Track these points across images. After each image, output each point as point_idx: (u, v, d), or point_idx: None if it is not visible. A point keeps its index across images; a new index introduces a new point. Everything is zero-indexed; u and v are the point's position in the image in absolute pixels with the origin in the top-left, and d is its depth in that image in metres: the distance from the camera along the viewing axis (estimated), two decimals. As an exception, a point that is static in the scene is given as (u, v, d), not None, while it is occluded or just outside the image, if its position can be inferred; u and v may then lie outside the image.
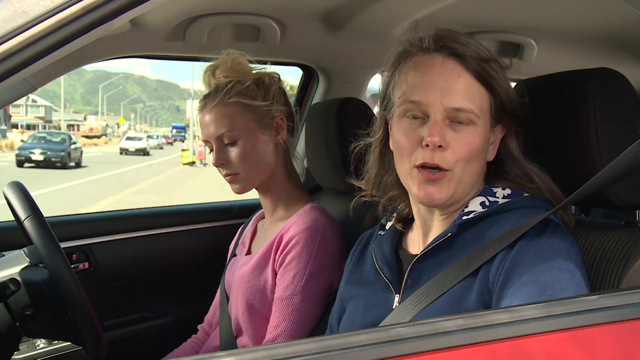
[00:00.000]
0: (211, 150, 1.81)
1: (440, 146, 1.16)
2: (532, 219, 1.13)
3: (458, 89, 1.17)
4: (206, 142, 1.81)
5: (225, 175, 1.78)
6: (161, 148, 56.08)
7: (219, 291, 1.98)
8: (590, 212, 2.68)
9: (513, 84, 1.42)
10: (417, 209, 1.31)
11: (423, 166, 1.18)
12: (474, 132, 1.18)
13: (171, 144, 71.17)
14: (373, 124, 1.37)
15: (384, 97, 1.30)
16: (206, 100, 1.78)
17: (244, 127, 1.76)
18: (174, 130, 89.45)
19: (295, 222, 1.73)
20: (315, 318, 1.68)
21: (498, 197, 1.23)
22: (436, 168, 1.18)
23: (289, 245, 1.70)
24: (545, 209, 1.17)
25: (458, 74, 1.18)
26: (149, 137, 57.61)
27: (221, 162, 1.76)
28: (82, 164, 27.62)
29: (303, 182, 2.32)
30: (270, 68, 1.88)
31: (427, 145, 1.17)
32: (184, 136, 78.72)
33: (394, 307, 1.24)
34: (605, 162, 1.18)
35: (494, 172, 1.28)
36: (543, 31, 2.37)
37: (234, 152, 1.75)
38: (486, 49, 1.23)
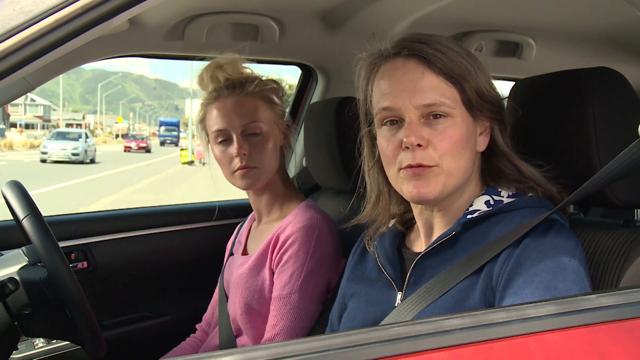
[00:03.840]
0: (221, 142, 1.76)
1: (419, 145, 1.17)
2: (536, 218, 1.13)
3: (424, 86, 1.17)
4: (221, 130, 1.75)
5: (240, 168, 1.73)
6: (86, 162, 28.38)
7: (216, 290, 1.99)
8: (588, 211, 2.68)
9: (511, 84, 1.42)
10: (418, 211, 1.31)
11: (408, 167, 1.19)
12: (452, 124, 1.18)
13: (146, 149, 44.97)
14: (360, 143, 1.36)
15: (366, 113, 1.31)
16: (228, 89, 1.74)
17: (267, 121, 1.76)
18: (162, 128, 67.73)
19: (292, 222, 1.73)
20: (314, 316, 1.69)
21: (503, 197, 1.23)
22: (420, 166, 1.18)
23: (286, 244, 1.70)
24: (549, 209, 1.17)
25: (422, 72, 1.18)
26: (57, 135, 30.65)
27: (244, 152, 1.72)
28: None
29: (301, 182, 2.33)
30: (266, 68, 1.89)
31: (408, 147, 1.17)
32: (177, 136, 63.76)
33: (396, 305, 1.24)
34: (604, 161, 1.18)
35: (489, 169, 1.28)
36: (542, 30, 2.37)
37: (256, 144, 1.74)
38: (456, 44, 1.21)
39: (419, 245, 1.32)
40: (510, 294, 1.06)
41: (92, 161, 29.88)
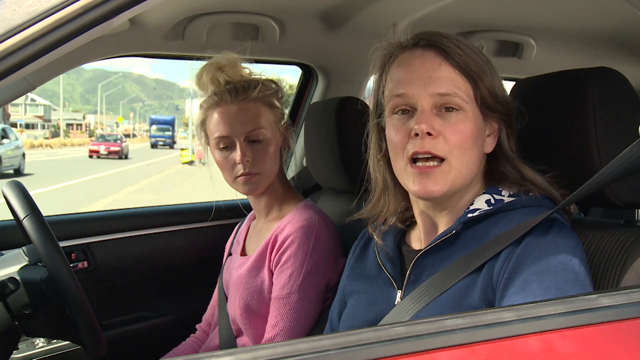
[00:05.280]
0: (223, 148, 1.76)
1: (430, 134, 1.17)
2: (537, 217, 1.13)
3: (441, 76, 1.18)
4: (224, 137, 1.74)
5: (243, 175, 1.73)
6: (2, 173, 18.63)
7: (216, 290, 1.98)
8: (589, 211, 2.68)
9: (512, 84, 1.42)
10: (419, 209, 1.31)
11: (415, 159, 1.19)
12: (464, 118, 1.18)
13: (120, 154, 33.94)
14: (367, 136, 1.36)
15: (377, 104, 1.30)
16: (231, 94, 1.74)
17: (269, 127, 1.76)
18: (154, 127, 55.36)
19: (290, 222, 1.72)
20: (313, 316, 1.69)
21: (504, 196, 1.23)
22: (429, 157, 1.18)
23: (285, 245, 1.69)
24: (550, 209, 1.17)
25: (439, 62, 1.19)
26: None
27: (247, 160, 1.73)
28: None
29: (301, 182, 2.33)
30: (265, 67, 1.88)
31: (417, 135, 1.17)
32: (172, 136, 53.88)
33: (396, 303, 1.24)
34: (604, 161, 1.18)
35: (491, 171, 1.28)
36: (542, 30, 2.38)
37: (259, 150, 1.74)
38: (471, 44, 1.23)
39: (419, 243, 1.32)
40: (511, 293, 1.06)
41: (18, 172, 20.33)
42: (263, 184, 1.76)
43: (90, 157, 33.97)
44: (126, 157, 35.06)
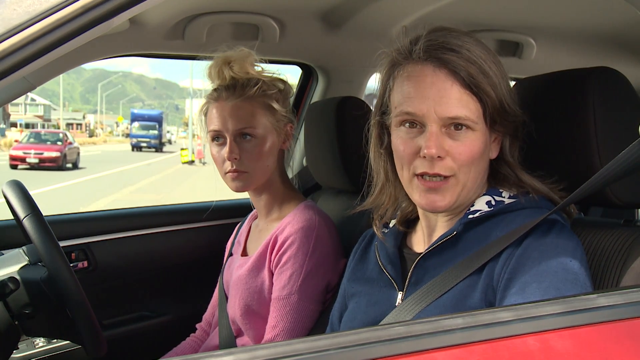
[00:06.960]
0: (217, 142, 1.77)
1: (438, 156, 1.16)
2: (537, 218, 1.13)
3: (451, 98, 1.16)
4: (216, 132, 1.76)
5: (231, 171, 1.74)
6: None
7: (216, 290, 1.99)
8: (589, 210, 2.68)
9: (512, 84, 1.42)
10: (422, 210, 1.31)
11: (423, 175, 1.19)
12: (473, 138, 1.18)
13: (57, 162, 22.65)
14: (368, 130, 1.36)
15: (381, 104, 1.29)
16: (228, 91, 1.74)
17: (263, 127, 1.75)
18: (135, 125, 43.68)
19: (290, 222, 1.72)
20: (313, 317, 1.69)
21: (504, 197, 1.23)
22: (437, 176, 1.18)
23: (285, 246, 1.69)
24: (550, 210, 1.17)
25: (450, 83, 1.17)
26: None
27: (235, 157, 1.73)
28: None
29: (301, 181, 2.33)
30: (267, 67, 1.87)
31: (425, 157, 1.17)
32: (159, 136, 42.80)
33: (396, 305, 1.24)
34: (604, 161, 1.18)
35: (492, 172, 1.28)
36: (542, 30, 2.37)
37: (249, 149, 1.73)
38: (484, 50, 1.21)
39: (421, 245, 1.32)
40: (511, 294, 1.06)
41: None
42: (252, 183, 1.76)
43: (13, 167, 22.60)
44: (75, 167, 24.56)
